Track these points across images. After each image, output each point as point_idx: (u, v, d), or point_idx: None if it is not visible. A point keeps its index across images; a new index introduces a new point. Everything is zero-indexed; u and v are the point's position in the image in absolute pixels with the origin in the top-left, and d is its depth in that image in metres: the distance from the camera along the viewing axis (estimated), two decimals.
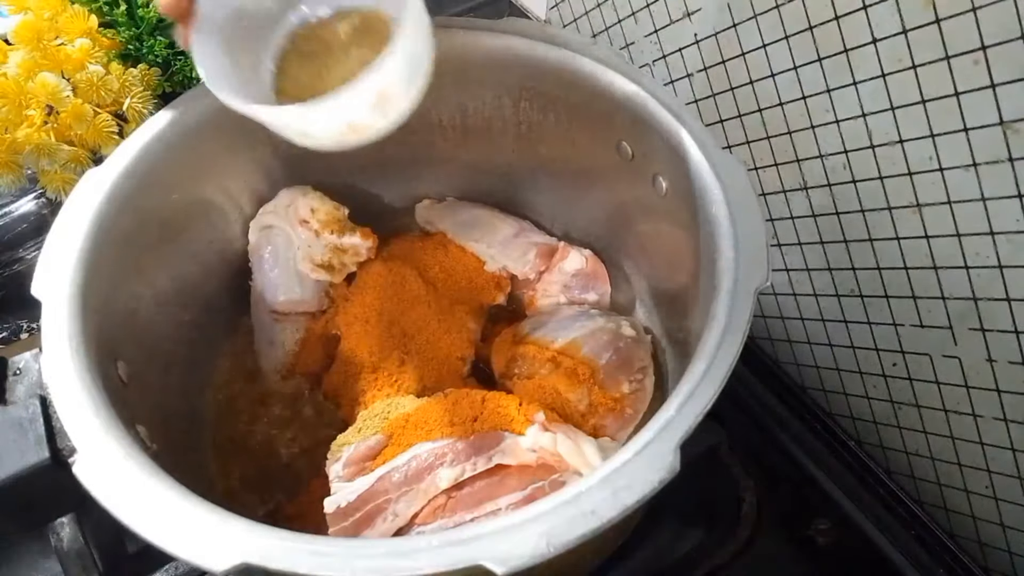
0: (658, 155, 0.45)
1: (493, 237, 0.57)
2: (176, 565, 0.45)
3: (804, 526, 0.53)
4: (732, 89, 0.56)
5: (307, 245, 0.52)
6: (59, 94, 0.58)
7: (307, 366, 0.53)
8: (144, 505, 0.31)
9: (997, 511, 0.50)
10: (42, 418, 0.36)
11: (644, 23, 0.63)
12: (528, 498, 0.40)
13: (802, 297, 0.58)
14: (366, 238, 0.53)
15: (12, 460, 0.35)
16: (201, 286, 0.52)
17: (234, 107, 0.35)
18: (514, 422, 0.43)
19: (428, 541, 0.29)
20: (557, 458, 0.41)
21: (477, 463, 0.41)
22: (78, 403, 0.34)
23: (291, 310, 0.53)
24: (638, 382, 0.48)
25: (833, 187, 0.51)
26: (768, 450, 0.56)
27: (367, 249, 0.54)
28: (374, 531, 0.40)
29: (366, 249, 0.54)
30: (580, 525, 0.29)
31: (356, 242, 0.53)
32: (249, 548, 0.29)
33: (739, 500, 0.52)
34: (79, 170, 0.61)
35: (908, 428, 0.54)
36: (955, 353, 0.48)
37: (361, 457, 0.43)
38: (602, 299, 0.56)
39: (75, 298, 0.37)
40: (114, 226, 0.41)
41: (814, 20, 0.47)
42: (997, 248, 0.43)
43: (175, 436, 0.45)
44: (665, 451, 0.31)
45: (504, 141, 0.55)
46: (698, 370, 0.34)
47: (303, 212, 0.52)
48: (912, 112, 0.44)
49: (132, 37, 0.67)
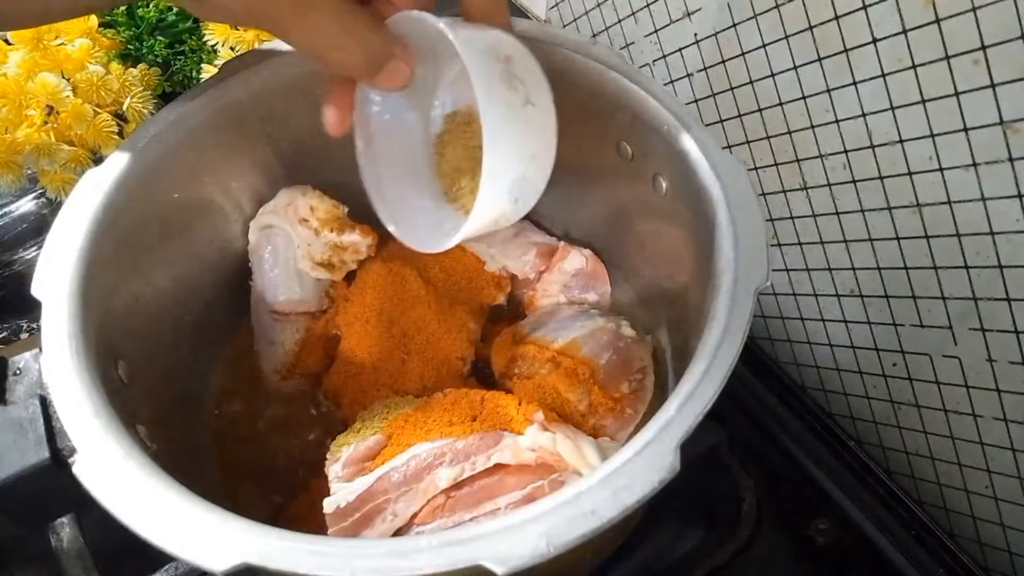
0: (658, 155, 0.45)
1: (493, 237, 0.57)
2: (176, 565, 0.45)
3: (804, 526, 0.53)
4: (732, 89, 0.56)
5: (307, 244, 0.52)
6: (59, 94, 0.58)
7: (307, 366, 0.53)
8: (144, 505, 0.31)
9: (997, 511, 0.50)
10: (42, 418, 0.36)
11: (644, 23, 0.63)
12: (527, 497, 0.40)
13: (802, 297, 0.58)
14: (366, 235, 0.53)
15: (12, 460, 0.35)
16: (201, 286, 0.52)
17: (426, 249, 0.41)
18: (513, 422, 0.43)
19: (428, 541, 0.29)
20: (556, 458, 0.41)
21: (476, 463, 0.41)
22: (78, 403, 0.34)
23: (291, 310, 0.53)
24: (638, 382, 0.48)
25: (833, 187, 0.51)
26: (768, 450, 0.56)
27: (367, 247, 0.54)
28: (373, 531, 0.40)
29: (366, 247, 0.53)
30: (580, 525, 0.29)
31: (356, 239, 0.53)
32: (249, 548, 0.29)
33: (739, 500, 0.52)
34: (79, 170, 0.61)
35: (908, 428, 0.54)
36: (955, 353, 0.48)
37: (360, 457, 0.43)
38: (602, 299, 0.56)
39: (75, 298, 0.37)
40: (114, 226, 0.41)
41: (814, 20, 0.47)
42: (997, 248, 0.43)
43: (175, 436, 0.45)
44: (665, 451, 0.31)
45: None
46: (698, 370, 0.34)
47: (303, 211, 0.52)
48: (912, 112, 0.44)
49: (132, 37, 0.67)
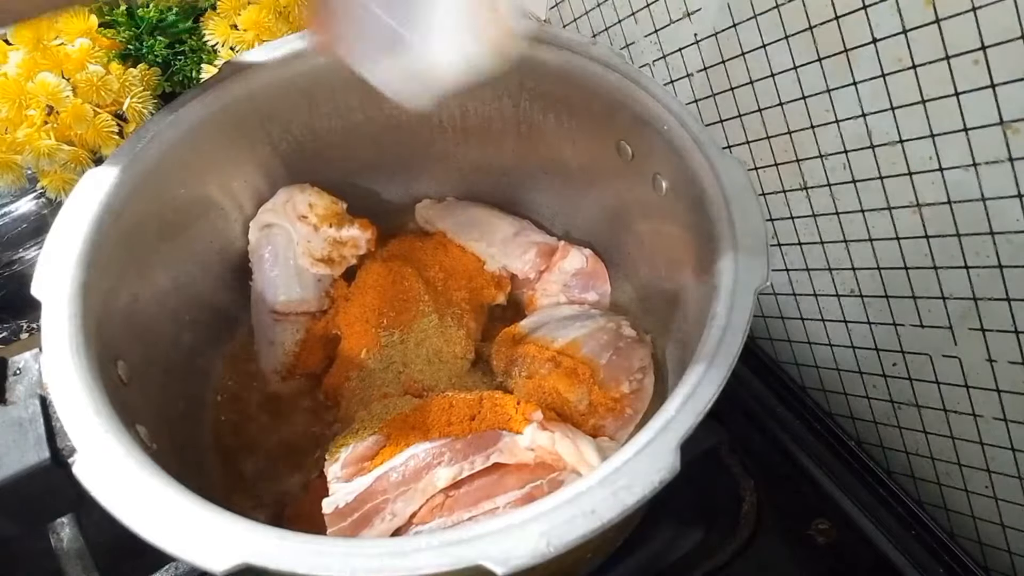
0: (658, 155, 0.45)
1: (493, 236, 0.57)
2: (176, 565, 0.45)
3: (804, 526, 0.53)
4: (732, 89, 0.56)
5: (306, 240, 0.52)
6: (59, 94, 0.58)
7: (307, 367, 0.53)
8: (144, 505, 0.31)
9: (997, 511, 0.50)
10: (42, 418, 0.36)
11: (644, 23, 0.63)
12: (526, 496, 0.40)
13: (802, 297, 0.58)
14: (365, 229, 0.53)
15: (12, 460, 0.35)
16: (201, 286, 0.52)
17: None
18: (512, 421, 0.43)
19: (428, 541, 0.29)
20: (555, 457, 0.41)
21: (475, 462, 0.41)
22: (78, 403, 0.34)
23: (291, 310, 0.53)
24: (638, 382, 0.49)
25: (833, 187, 0.51)
26: (768, 450, 0.56)
27: (366, 241, 0.53)
28: (372, 531, 0.40)
29: (365, 241, 0.53)
30: (580, 525, 0.29)
31: (355, 234, 0.53)
32: (249, 548, 0.29)
33: (739, 500, 0.52)
34: (79, 170, 0.61)
35: (908, 428, 0.54)
36: (955, 353, 0.48)
37: (359, 458, 0.43)
38: (602, 299, 0.56)
39: (75, 298, 0.37)
40: (114, 226, 0.41)
41: (814, 20, 0.47)
42: (997, 248, 0.43)
43: (175, 436, 0.45)
44: (665, 451, 0.31)
45: (504, 141, 0.55)
46: (698, 370, 0.34)
47: (301, 208, 0.52)
48: (912, 112, 0.44)
49: (132, 37, 0.67)
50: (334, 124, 0.53)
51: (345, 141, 0.54)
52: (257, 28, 0.64)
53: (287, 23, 0.66)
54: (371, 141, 0.55)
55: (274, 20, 0.65)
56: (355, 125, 0.54)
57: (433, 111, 0.54)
